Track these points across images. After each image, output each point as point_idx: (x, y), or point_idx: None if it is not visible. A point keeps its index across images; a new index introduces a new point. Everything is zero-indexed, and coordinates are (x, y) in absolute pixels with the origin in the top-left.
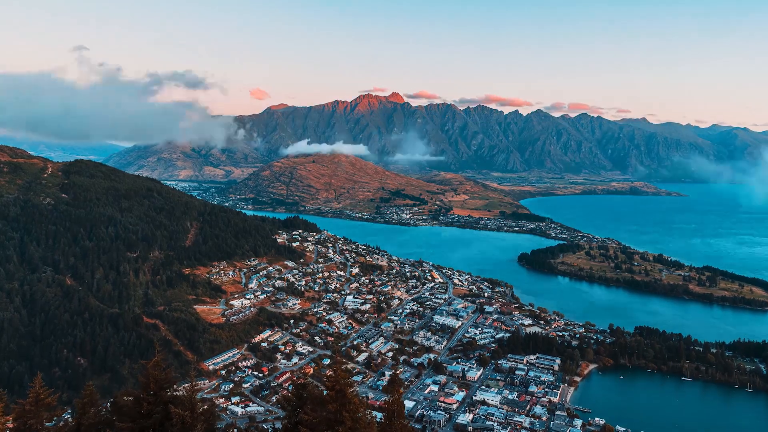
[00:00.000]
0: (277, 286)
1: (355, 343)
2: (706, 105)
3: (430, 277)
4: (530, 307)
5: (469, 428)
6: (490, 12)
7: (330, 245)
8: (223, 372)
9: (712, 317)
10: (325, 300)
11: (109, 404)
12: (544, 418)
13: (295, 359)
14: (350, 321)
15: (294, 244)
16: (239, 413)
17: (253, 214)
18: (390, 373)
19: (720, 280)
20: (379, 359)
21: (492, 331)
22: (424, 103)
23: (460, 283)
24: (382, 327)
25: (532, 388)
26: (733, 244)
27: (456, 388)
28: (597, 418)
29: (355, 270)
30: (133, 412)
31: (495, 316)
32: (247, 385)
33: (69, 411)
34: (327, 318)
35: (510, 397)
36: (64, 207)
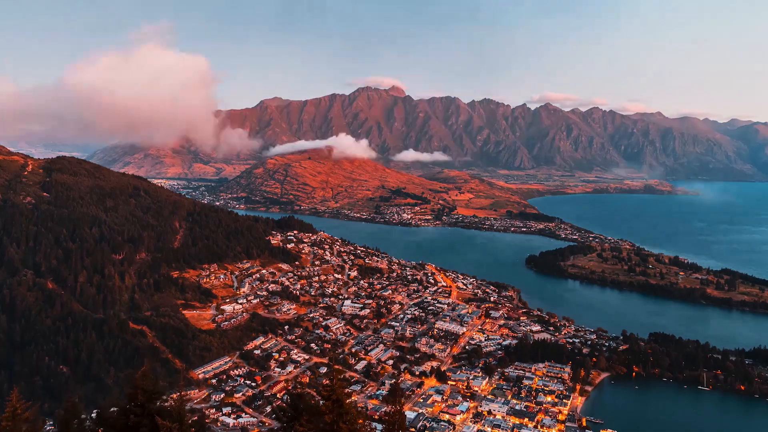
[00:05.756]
0: (270, 290)
1: (353, 350)
2: (723, 99)
3: (432, 281)
4: (539, 312)
5: None
6: (492, 5)
7: (327, 247)
8: (214, 381)
9: (731, 323)
10: (321, 305)
11: (94, 415)
12: (554, 430)
13: (289, 367)
14: (348, 327)
15: (289, 246)
16: (231, 424)
17: (246, 214)
18: (390, 382)
19: (739, 283)
20: (379, 367)
21: (498, 337)
22: (426, 96)
23: (464, 287)
24: (382, 333)
25: (541, 398)
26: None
27: (460, 398)
28: (609, 430)
29: (354, 273)
30: (118, 424)
31: (501, 322)
32: (239, 394)
33: (51, 422)
34: (324, 324)
35: (518, 407)
36: (46, 206)
